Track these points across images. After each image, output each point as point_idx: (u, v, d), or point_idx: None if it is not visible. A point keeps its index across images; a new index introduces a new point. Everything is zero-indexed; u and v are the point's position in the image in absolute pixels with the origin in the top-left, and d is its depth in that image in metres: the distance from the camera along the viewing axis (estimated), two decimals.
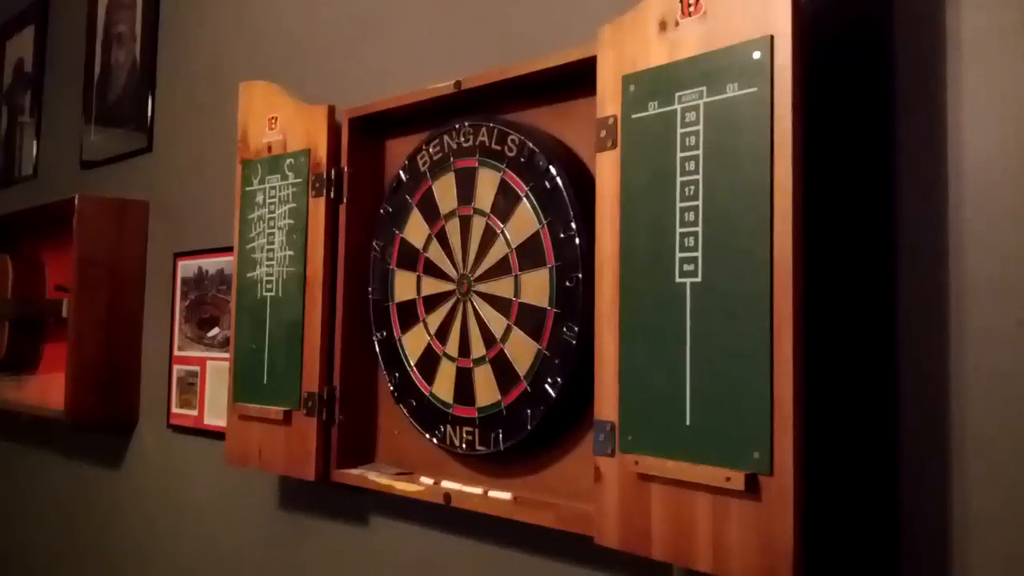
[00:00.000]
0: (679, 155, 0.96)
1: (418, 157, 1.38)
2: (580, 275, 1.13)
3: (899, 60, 0.92)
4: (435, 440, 1.32)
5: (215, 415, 1.89)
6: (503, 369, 1.23)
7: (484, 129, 1.27)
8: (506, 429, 1.22)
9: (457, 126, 1.31)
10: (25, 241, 2.71)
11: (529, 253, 1.20)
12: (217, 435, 1.85)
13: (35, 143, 2.80)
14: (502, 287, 1.24)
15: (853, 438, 0.93)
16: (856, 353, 0.93)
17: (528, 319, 1.20)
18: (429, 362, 1.34)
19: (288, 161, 1.54)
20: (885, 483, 0.90)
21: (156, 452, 2.09)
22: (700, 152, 0.94)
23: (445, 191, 1.33)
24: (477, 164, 1.28)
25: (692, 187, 0.94)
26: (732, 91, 0.91)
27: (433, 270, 1.34)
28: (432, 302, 1.34)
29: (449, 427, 1.30)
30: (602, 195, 1.04)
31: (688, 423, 0.93)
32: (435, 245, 1.34)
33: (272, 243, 1.55)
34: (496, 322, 1.24)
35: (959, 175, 0.88)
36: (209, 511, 1.90)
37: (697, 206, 0.94)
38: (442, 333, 1.32)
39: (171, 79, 2.17)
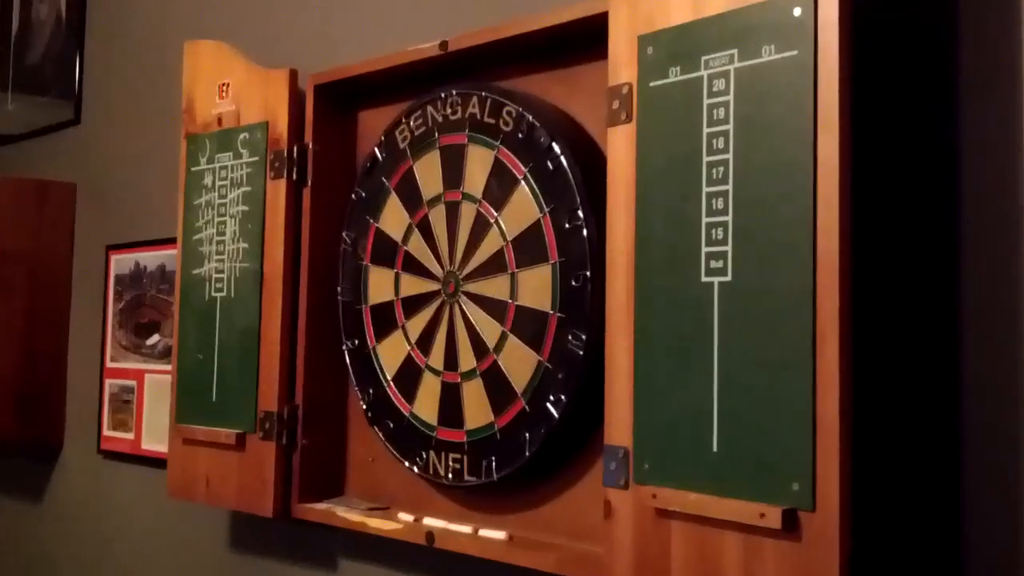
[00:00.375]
0: (705, 130, 0.96)
1: (397, 132, 1.38)
2: (588, 273, 1.13)
3: (965, 22, 0.93)
4: (416, 469, 1.33)
5: (155, 439, 1.89)
6: (497, 384, 1.23)
7: (475, 99, 1.28)
8: (500, 456, 1.22)
9: (443, 95, 1.32)
10: None
11: (528, 247, 1.21)
12: (157, 462, 1.85)
13: None
14: (496, 287, 1.24)
15: (909, 465, 0.93)
16: (913, 365, 0.94)
17: (526, 325, 1.20)
18: (409, 376, 1.34)
19: (242, 136, 1.54)
20: (947, 518, 0.91)
21: (85, 482, 2.09)
22: (730, 127, 0.94)
23: (428, 173, 1.34)
24: (466, 140, 1.29)
25: (721, 168, 0.95)
26: (768, 54, 0.92)
27: (414, 266, 1.35)
28: (413, 304, 1.35)
29: (432, 453, 1.30)
30: (615, 178, 1.04)
31: (715, 449, 0.93)
32: (416, 237, 1.35)
33: (223, 234, 1.56)
34: (489, 328, 1.25)
35: None
36: (148, 553, 1.90)
37: (727, 191, 0.94)
38: (424, 341, 1.33)
39: (103, 38, 2.17)
